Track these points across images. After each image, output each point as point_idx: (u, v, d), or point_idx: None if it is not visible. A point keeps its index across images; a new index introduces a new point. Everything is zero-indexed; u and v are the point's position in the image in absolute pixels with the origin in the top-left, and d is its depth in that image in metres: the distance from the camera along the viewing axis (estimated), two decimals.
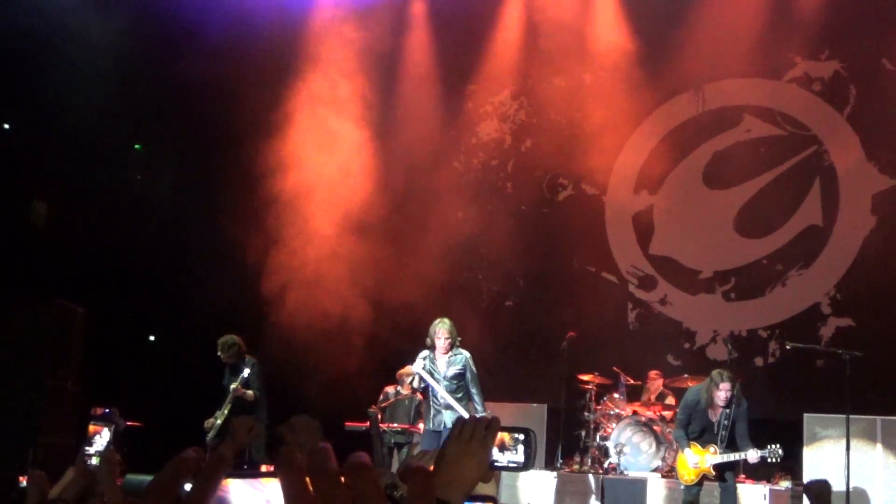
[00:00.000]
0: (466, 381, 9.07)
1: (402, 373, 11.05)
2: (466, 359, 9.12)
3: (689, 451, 9.06)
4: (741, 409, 9.02)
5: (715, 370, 9.22)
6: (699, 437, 9.11)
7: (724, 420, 8.98)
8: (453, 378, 9.02)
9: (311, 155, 12.41)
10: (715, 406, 9.01)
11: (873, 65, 12.40)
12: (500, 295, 14.08)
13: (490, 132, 14.48)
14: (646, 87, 13.25)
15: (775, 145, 12.87)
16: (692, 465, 9.03)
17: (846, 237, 12.29)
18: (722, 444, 8.95)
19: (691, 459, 9.03)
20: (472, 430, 2.09)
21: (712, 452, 8.95)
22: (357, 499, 0.94)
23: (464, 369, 9.07)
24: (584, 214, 13.64)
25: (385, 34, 13.20)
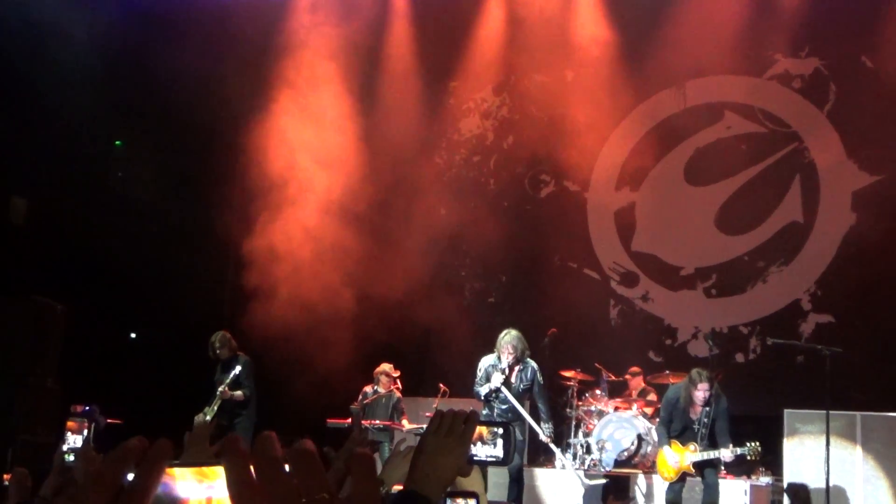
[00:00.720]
0: (534, 393, 9.24)
1: (379, 371, 11.05)
2: (535, 371, 9.26)
3: (668, 448, 9.09)
4: (721, 406, 9.04)
5: (694, 370, 9.22)
6: (680, 435, 9.13)
7: (704, 418, 9.00)
8: (524, 392, 9.17)
9: (293, 151, 12.39)
10: (694, 405, 9.03)
11: (853, 62, 12.46)
12: (482, 291, 14.10)
13: (472, 128, 14.48)
14: (628, 84, 13.28)
15: (756, 142, 12.92)
16: (672, 463, 9.05)
17: (826, 234, 12.34)
18: (702, 442, 8.98)
19: (671, 457, 9.06)
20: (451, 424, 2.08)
21: (692, 450, 8.97)
22: (300, 485, 0.93)
23: (532, 381, 9.19)
24: (566, 211, 13.67)
25: (366, 29, 13.18)
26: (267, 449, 0.97)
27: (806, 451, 10.17)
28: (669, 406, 9.29)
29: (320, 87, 12.51)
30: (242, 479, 0.95)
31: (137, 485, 0.91)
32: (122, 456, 0.93)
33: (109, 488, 0.90)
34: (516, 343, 9.12)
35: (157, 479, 0.92)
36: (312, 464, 0.99)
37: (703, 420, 9.01)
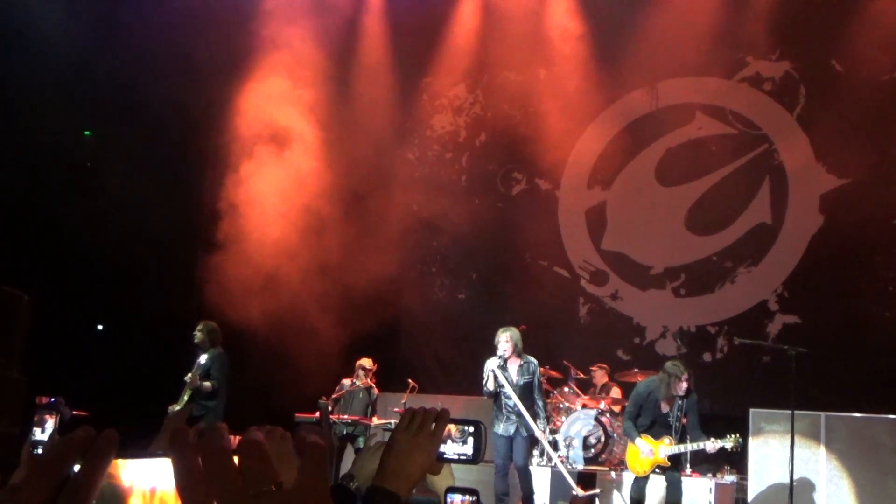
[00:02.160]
0: (533, 389, 9.36)
1: (358, 364, 11.05)
2: (536, 367, 9.45)
3: (640, 441, 9.08)
4: (691, 400, 9.08)
5: (669, 363, 9.22)
6: (649, 429, 9.12)
7: (677, 412, 9.04)
8: (524, 387, 9.29)
9: (262, 145, 12.33)
10: (671, 398, 9.07)
11: (823, 66, 12.56)
12: (452, 287, 14.11)
13: (445, 125, 14.49)
14: (600, 83, 13.35)
15: (726, 144, 13.00)
16: (644, 457, 9.06)
17: (794, 236, 12.44)
18: (676, 435, 9.01)
19: (644, 450, 9.06)
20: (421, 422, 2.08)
21: (667, 444, 8.98)
22: (247, 476, 0.93)
23: (532, 378, 9.36)
24: (537, 209, 13.70)
25: (339, 23, 13.14)
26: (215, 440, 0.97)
27: (770, 450, 10.26)
28: (640, 400, 9.25)
29: (292, 81, 12.46)
30: (189, 470, 0.95)
31: (83, 476, 0.90)
32: (68, 447, 0.92)
33: (53, 479, 0.90)
34: (511, 334, 9.38)
35: (103, 470, 0.91)
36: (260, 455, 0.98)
37: (675, 413, 9.03)
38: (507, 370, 9.34)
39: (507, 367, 9.35)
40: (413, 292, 13.51)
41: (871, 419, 10.00)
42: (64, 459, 0.91)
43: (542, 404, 9.44)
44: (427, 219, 13.62)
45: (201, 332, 10.37)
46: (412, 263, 13.76)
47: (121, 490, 0.95)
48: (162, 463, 0.98)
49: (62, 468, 0.91)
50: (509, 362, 9.36)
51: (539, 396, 9.41)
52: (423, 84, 14.37)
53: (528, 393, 9.32)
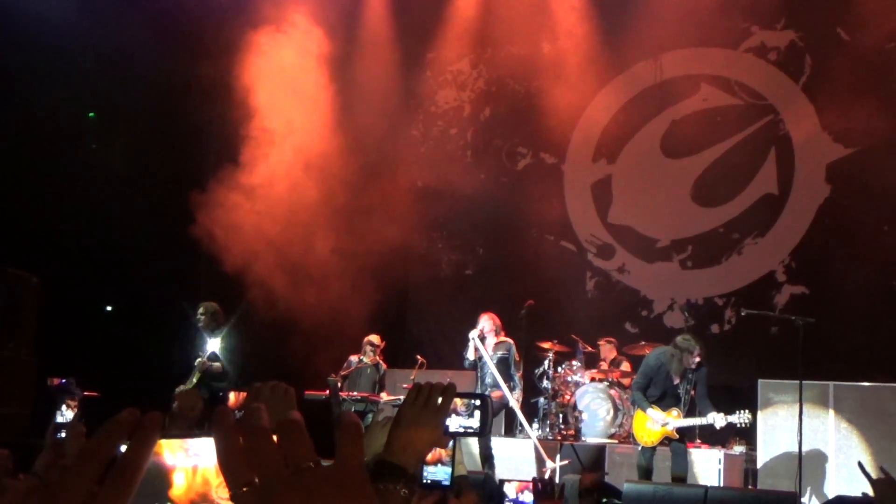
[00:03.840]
0: (509, 365, 10.08)
1: (366, 341, 11.08)
2: (510, 346, 10.19)
3: (651, 411, 9.08)
4: (701, 373, 9.07)
5: (680, 337, 9.22)
6: (659, 401, 9.13)
7: (687, 384, 9.05)
8: (499, 362, 10.01)
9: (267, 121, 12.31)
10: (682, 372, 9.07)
11: (829, 34, 12.49)
12: (459, 263, 14.12)
13: (449, 100, 14.46)
14: (604, 57, 13.30)
15: (732, 114, 12.96)
16: (651, 427, 9.08)
17: (801, 206, 12.43)
18: (685, 408, 9.03)
19: (653, 420, 9.09)
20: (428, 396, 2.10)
21: (675, 416, 9.00)
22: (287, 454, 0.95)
23: (507, 354, 10.08)
24: (543, 183, 13.68)
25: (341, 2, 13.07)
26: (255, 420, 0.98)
27: (779, 420, 10.30)
28: (650, 372, 9.23)
29: (295, 57, 12.41)
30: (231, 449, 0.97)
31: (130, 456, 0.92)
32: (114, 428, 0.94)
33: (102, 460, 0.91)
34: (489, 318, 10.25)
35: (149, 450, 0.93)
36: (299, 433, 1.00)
37: (686, 386, 9.05)
38: (485, 344, 10.14)
39: (485, 343, 10.14)
40: (420, 268, 13.53)
41: (878, 388, 10.03)
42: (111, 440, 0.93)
43: (516, 380, 10.21)
44: (432, 195, 13.62)
45: (204, 315, 10.33)
46: (418, 240, 13.75)
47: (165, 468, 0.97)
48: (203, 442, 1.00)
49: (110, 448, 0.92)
50: (487, 339, 10.15)
51: (515, 372, 10.17)
52: (427, 60, 14.33)
53: (505, 368, 10.04)
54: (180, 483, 1.01)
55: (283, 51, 12.34)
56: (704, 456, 9.99)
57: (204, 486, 1.02)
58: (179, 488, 1.01)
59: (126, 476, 0.92)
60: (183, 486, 1.01)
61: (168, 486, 1.01)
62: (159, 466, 0.95)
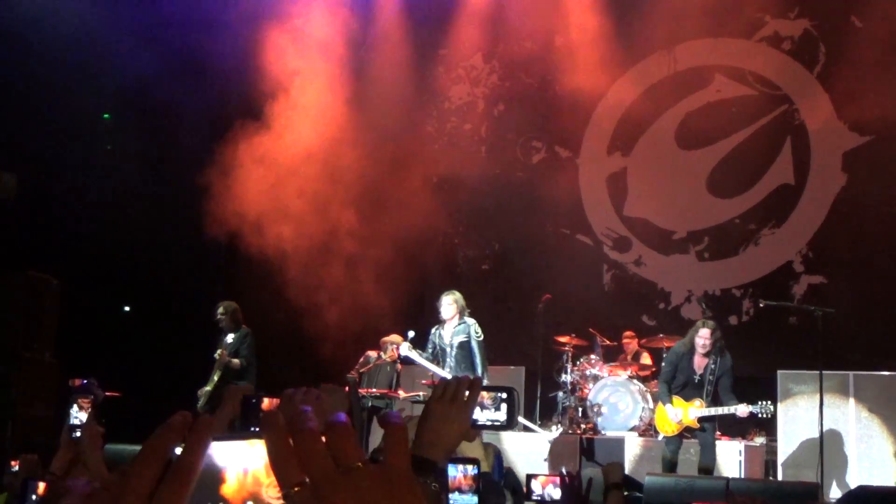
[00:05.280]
0: (471, 350, 9.24)
1: (386, 340, 11.10)
2: (470, 327, 9.29)
3: (669, 407, 9.10)
4: (726, 363, 9.07)
5: (701, 319, 9.32)
6: (682, 390, 9.15)
7: (710, 375, 9.05)
8: (459, 347, 9.23)
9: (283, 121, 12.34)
10: (698, 355, 9.07)
11: (843, 23, 12.44)
12: (475, 259, 14.13)
13: (462, 96, 14.46)
14: (617, 49, 13.27)
15: (746, 105, 12.92)
16: (673, 418, 9.09)
17: (817, 195, 12.39)
18: (707, 398, 9.03)
19: (672, 412, 9.09)
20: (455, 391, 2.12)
21: (697, 405, 9.01)
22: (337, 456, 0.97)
23: (468, 338, 9.24)
24: (558, 177, 13.65)
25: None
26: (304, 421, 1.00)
27: (799, 411, 10.28)
28: (675, 359, 9.28)
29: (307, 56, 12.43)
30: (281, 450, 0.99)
31: (185, 458, 0.94)
32: (169, 431, 0.96)
33: (158, 462, 0.94)
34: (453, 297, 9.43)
35: (203, 452, 0.95)
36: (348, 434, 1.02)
37: (707, 376, 9.05)
38: (441, 334, 9.44)
39: (442, 330, 9.45)
40: (436, 265, 13.53)
41: None
42: (166, 443, 0.95)
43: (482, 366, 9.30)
44: (447, 191, 13.62)
45: (223, 314, 10.39)
46: (434, 236, 13.75)
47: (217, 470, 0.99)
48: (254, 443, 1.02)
49: (165, 452, 0.94)
50: (447, 325, 9.40)
51: (479, 356, 9.29)
52: (439, 55, 14.33)
53: (465, 353, 9.24)
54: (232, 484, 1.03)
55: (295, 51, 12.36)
56: (725, 448, 9.98)
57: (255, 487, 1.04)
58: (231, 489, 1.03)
59: (182, 478, 0.94)
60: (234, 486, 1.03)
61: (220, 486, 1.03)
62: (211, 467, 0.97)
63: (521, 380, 12.09)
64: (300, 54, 12.41)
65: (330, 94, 12.63)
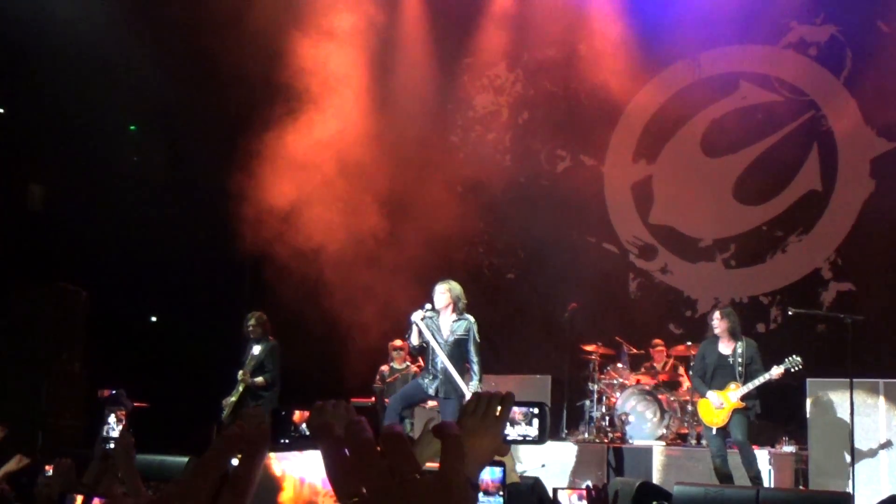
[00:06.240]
0: (468, 348, 8.57)
1: (391, 345, 11.11)
2: (471, 324, 8.61)
3: (710, 394, 9.17)
4: (751, 346, 9.29)
5: None
6: (714, 379, 9.26)
7: (739, 357, 9.16)
8: (454, 344, 8.51)
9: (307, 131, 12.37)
10: (722, 342, 9.30)
11: (869, 27, 12.37)
12: (501, 268, 14.11)
13: (486, 105, 14.45)
14: (641, 57, 13.25)
15: (772, 111, 12.85)
16: (716, 407, 9.12)
17: (845, 202, 12.30)
18: (741, 378, 9.10)
19: (715, 401, 9.13)
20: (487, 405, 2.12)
21: (733, 388, 9.09)
22: (392, 465, 0.96)
23: (467, 335, 8.55)
24: (583, 185, 13.63)
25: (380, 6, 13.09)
26: (359, 432, 1.00)
27: (829, 419, 10.18)
28: (702, 350, 9.56)
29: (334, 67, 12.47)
30: (338, 462, 0.98)
31: (242, 470, 0.94)
32: (226, 443, 0.96)
33: (215, 475, 0.93)
34: (449, 286, 8.69)
35: (259, 464, 0.95)
36: (403, 445, 1.01)
37: (737, 359, 9.16)
38: (437, 324, 8.59)
39: (437, 321, 8.60)
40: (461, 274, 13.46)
41: None
42: (224, 455, 0.95)
43: (478, 366, 8.59)
44: (472, 200, 13.61)
45: (254, 325, 10.40)
46: (459, 245, 13.74)
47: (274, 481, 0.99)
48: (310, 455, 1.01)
49: (223, 463, 0.94)
50: (443, 316, 8.60)
51: (475, 356, 8.58)
52: (463, 65, 14.33)
53: (460, 352, 8.53)
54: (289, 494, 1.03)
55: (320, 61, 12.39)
56: None
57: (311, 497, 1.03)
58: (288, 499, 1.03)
59: (239, 489, 0.94)
60: (291, 497, 1.03)
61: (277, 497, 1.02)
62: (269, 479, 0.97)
63: (548, 388, 12.04)
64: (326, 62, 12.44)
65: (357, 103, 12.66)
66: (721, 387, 9.16)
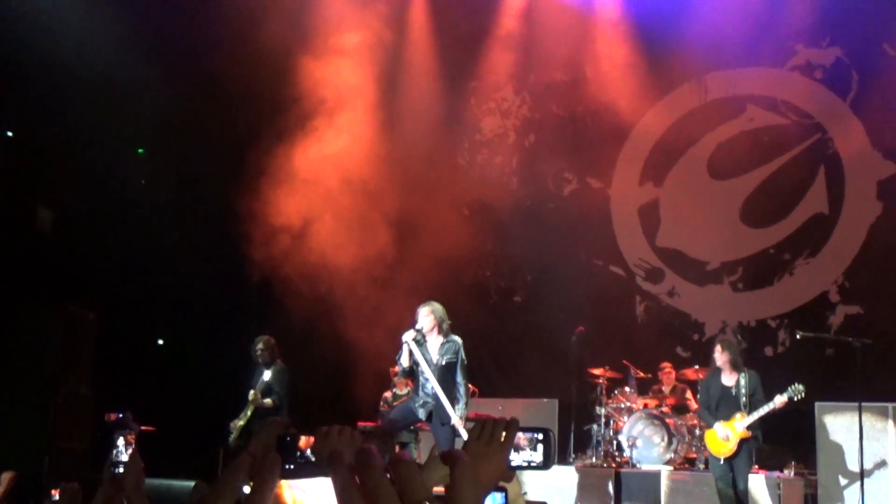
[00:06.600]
0: (455, 371, 8.46)
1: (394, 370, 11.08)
2: (459, 346, 8.51)
3: (717, 425, 9.14)
4: (754, 379, 9.24)
5: None
6: (718, 409, 9.23)
7: (743, 388, 9.14)
8: (445, 368, 8.41)
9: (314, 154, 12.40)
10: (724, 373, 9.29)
11: (874, 50, 12.39)
12: (507, 291, 14.09)
13: (493, 128, 14.47)
14: (647, 80, 13.29)
15: (779, 134, 12.86)
16: (723, 438, 9.09)
17: (853, 224, 12.29)
18: (746, 409, 9.09)
19: (721, 433, 9.10)
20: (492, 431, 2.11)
21: (739, 418, 9.06)
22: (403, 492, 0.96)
23: (455, 357, 8.46)
24: (589, 208, 13.63)
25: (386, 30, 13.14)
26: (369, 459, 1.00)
27: (838, 444, 10.13)
28: (707, 382, 9.55)
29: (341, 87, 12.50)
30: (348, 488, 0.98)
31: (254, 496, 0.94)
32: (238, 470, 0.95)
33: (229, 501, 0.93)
34: (432, 308, 8.57)
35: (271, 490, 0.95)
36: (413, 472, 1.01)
37: (741, 390, 9.14)
38: (425, 347, 8.48)
39: (425, 344, 8.49)
40: (468, 297, 13.49)
41: None
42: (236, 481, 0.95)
43: (464, 388, 8.47)
44: (479, 223, 13.61)
45: (262, 349, 10.39)
46: (466, 268, 13.73)
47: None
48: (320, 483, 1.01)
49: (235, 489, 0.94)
50: (430, 339, 8.50)
51: (462, 378, 8.46)
52: (470, 88, 14.36)
53: (450, 375, 8.41)
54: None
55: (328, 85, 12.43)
56: (762, 482, 9.87)
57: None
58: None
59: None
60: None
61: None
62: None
63: (555, 412, 12.03)
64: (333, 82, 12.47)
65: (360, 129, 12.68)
66: (727, 417, 9.14)
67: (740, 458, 9.08)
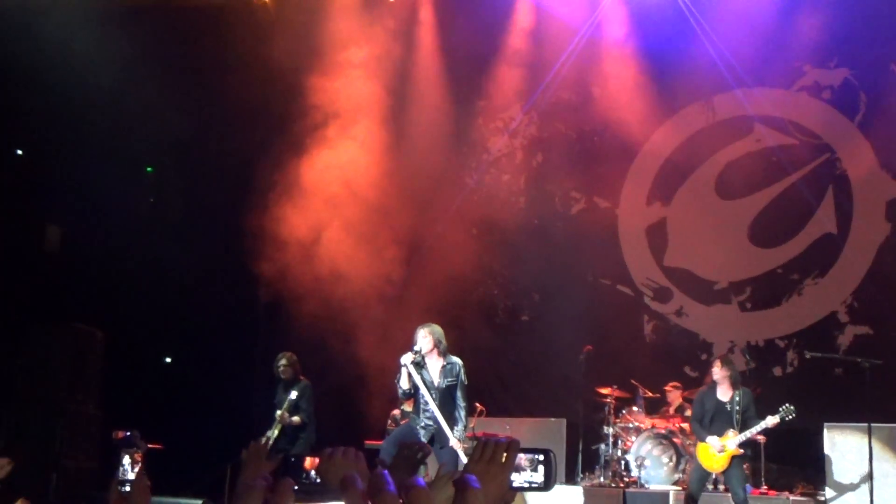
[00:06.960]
0: (456, 393, 8.41)
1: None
2: (460, 368, 8.46)
3: (710, 439, 9.11)
4: (748, 395, 9.24)
5: None
6: (712, 424, 9.21)
7: (736, 405, 9.12)
8: (446, 390, 8.37)
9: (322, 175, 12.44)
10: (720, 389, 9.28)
11: (882, 71, 12.40)
12: (515, 310, 14.06)
13: (501, 147, 14.49)
14: (655, 100, 13.29)
15: (787, 154, 12.85)
16: (716, 452, 9.06)
17: (861, 245, 12.26)
18: (738, 426, 9.06)
19: (715, 446, 9.07)
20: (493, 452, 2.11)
21: (732, 435, 9.02)
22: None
23: (456, 380, 8.40)
24: (597, 227, 13.62)
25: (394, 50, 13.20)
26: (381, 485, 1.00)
27: (847, 464, 10.09)
28: (701, 396, 9.52)
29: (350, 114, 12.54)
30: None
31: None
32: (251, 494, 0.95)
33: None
34: (430, 330, 8.46)
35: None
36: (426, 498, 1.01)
37: (735, 406, 9.13)
38: (425, 369, 8.42)
39: (425, 366, 8.43)
40: (476, 316, 13.49)
41: None
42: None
43: (465, 411, 8.44)
44: (486, 242, 13.61)
45: (285, 365, 10.30)
46: (474, 287, 13.73)
47: None
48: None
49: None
50: (429, 361, 8.43)
51: (462, 400, 8.40)
52: (478, 108, 14.39)
53: (451, 398, 8.36)
54: None
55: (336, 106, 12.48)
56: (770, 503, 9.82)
57: None
58: None
59: None
60: None
61: None
62: None
63: (563, 432, 11.98)
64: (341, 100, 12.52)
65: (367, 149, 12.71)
66: (720, 433, 9.12)
67: (732, 472, 9.05)
